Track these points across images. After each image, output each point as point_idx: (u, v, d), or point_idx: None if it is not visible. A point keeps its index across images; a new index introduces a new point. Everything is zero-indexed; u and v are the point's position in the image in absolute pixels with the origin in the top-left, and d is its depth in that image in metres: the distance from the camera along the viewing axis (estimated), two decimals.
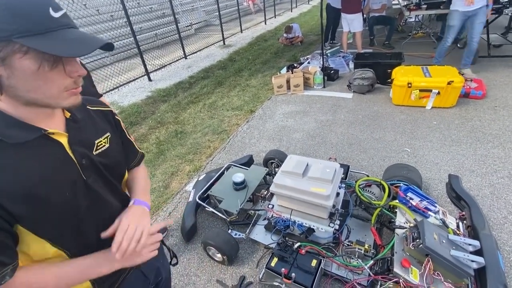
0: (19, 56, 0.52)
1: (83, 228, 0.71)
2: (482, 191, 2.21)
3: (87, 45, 0.57)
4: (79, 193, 0.68)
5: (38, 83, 0.56)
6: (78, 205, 0.68)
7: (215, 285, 1.81)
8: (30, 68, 0.54)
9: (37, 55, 0.53)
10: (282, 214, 1.86)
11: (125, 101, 4.89)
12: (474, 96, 3.51)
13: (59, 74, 0.58)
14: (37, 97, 0.58)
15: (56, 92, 0.59)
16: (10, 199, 0.57)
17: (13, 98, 0.58)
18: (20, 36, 0.51)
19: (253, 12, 13.30)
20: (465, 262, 1.33)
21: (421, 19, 6.50)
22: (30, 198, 0.59)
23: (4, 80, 0.54)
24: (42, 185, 0.61)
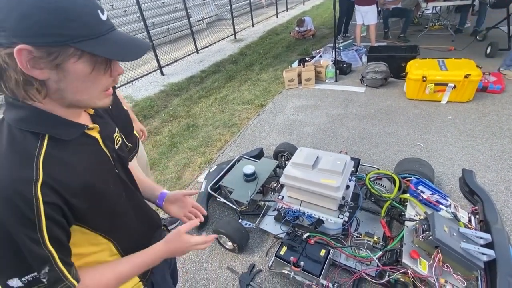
0: (73, 60, 0.53)
1: (125, 217, 0.76)
2: (496, 186, 2.17)
3: (137, 48, 0.59)
4: (117, 184, 0.73)
5: (87, 85, 0.57)
6: (119, 194, 0.73)
7: (226, 271, 1.87)
8: (83, 72, 0.55)
9: (91, 59, 0.54)
10: (291, 205, 1.89)
11: (139, 95, 5.01)
12: (492, 90, 3.39)
13: (106, 75, 0.59)
14: (82, 98, 0.59)
15: (98, 93, 0.61)
16: (72, 193, 0.58)
17: (56, 100, 0.58)
18: (76, 41, 0.51)
19: (265, 5, 13.18)
20: (475, 254, 1.32)
21: (439, 11, 6.28)
22: (86, 191, 0.61)
23: (52, 84, 0.54)
24: (92, 178, 0.63)
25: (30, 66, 0.51)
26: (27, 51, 0.49)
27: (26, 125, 0.56)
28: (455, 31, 5.46)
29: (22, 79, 0.52)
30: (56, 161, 0.57)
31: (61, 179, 0.56)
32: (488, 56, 4.33)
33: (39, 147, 0.56)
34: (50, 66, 0.52)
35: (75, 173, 0.60)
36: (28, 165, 0.53)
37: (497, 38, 4.47)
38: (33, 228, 0.52)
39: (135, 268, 0.72)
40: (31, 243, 0.52)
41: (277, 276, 1.78)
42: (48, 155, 0.56)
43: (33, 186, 0.52)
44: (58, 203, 0.55)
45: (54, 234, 0.54)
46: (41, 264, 0.54)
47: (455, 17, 6.01)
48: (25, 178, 0.52)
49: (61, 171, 0.57)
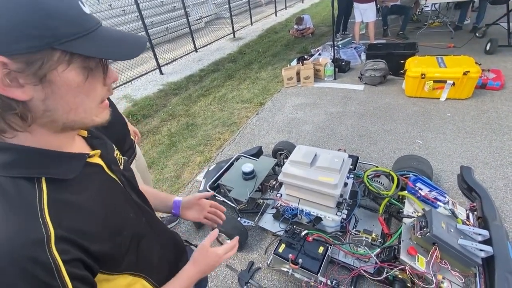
0: (62, 68, 0.41)
1: (150, 244, 0.67)
2: (495, 183, 2.17)
3: (136, 44, 0.49)
4: (135, 211, 0.64)
5: (81, 98, 0.46)
6: (140, 221, 0.64)
7: (225, 269, 1.88)
8: (75, 81, 0.43)
9: (82, 63, 0.43)
10: (290, 203, 1.90)
11: (138, 94, 5.01)
12: (492, 87, 3.38)
13: (99, 83, 0.48)
14: (78, 117, 0.47)
15: (95, 106, 0.49)
16: (91, 239, 0.47)
17: (44, 126, 0.46)
18: (63, 42, 0.40)
19: (264, 4, 13.14)
20: (473, 251, 1.33)
21: (438, 8, 6.25)
22: (106, 230, 0.51)
23: (37, 104, 0.42)
24: (110, 213, 0.54)
25: (7, 85, 0.39)
26: (0, 64, 0.38)
27: (15, 170, 0.44)
28: (454, 28, 5.45)
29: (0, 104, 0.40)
30: (63, 206, 0.46)
31: (74, 226, 0.46)
32: (487, 53, 4.31)
33: (39, 195, 0.44)
34: (33, 81, 0.40)
35: (89, 215, 0.49)
36: (33, 222, 0.42)
37: (497, 35, 4.45)
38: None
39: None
40: None
41: (276, 273, 1.78)
42: (52, 202, 0.45)
43: (47, 246, 0.41)
44: (78, 257, 0.45)
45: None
46: None
47: (455, 14, 5.98)
48: (35, 239, 0.41)
49: (72, 216, 0.46)
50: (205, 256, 0.72)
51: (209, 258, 0.73)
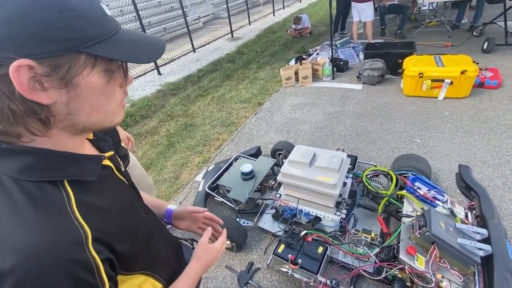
0: (87, 72, 0.41)
1: (156, 242, 0.67)
2: (493, 182, 2.17)
3: (156, 45, 0.49)
4: (144, 210, 0.65)
5: (103, 101, 0.45)
6: (149, 220, 0.65)
7: (224, 270, 1.87)
8: (99, 85, 0.43)
9: (105, 67, 0.43)
10: (289, 203, 1.89)
11: (136, 95, 4.99)
12: (489, 86, 3.40)
13: (118, 85, 0.48)
14: (97, 119, 0.47)
15: (116, 108, 0.49)
16: (116, 240, 0.48)
17: (64, 130, 0.45)
18: (89, 45, 0.39)
19: (261, 4, 13.13)
20: (472, 250, 1.33)
21: (436, 7, 6.27)
22: (127, 231, 0.52)
23: (60, 108, 0.41)
24: (127, 214, 0.55)
25: (32, 88, 0.37)
26: (27, 67, 0.36)
27: (37, 174, 0.43)
28: (452, 27, 5.46)
29: (21, 109, 0.38)
30: (90, 207, 0.46)
31: (102, 227, 0.46)
32: (485, 52, 4.33)
33: (67, 197, 0.44)
34: (57, 85, 0.39)
35: (111, 216, 0.49)
36: (68, 224, 0.42)
37: (494, 34, 4.47)
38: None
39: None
40: None
41: (276, 273, 1.78)
42: (79, 204, 0.45)
43: (86, 246, 0.42)
44: (109, 257, 0.46)
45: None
46: None
47: (452, 13, 6.00)
48: (73, 240, 0.41)
49: (99, 218, 0.46)
50: (206, 252, 0.76)
51: (210, 253, 0.76)
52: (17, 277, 0.36)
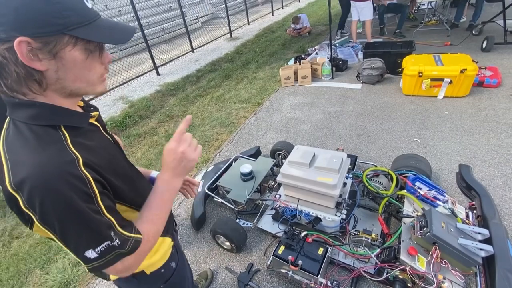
0: (69, 48, 0.56)
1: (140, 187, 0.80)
2: (494, 181, 2.17)
3: (126, 32, 0.63)
4: (127, 163, 0.80)
5: (84, 72, 0.60)
6: (132, 170, 0.80)
7: (224, 272, 1.86)
8: (79, 58, 0.58)
9: (85, 45, 0.57)
10: (289, 203, 1.88)
11: (135, 95, 4.97)
12: (489, 85, 3.39)
13: (98, 62, 0.63)
14: (81, 85, 0.62)
15: (96, 79, 0.64)
16: (104, 171, 0.63)
17: (56, 91, 0.61)
18: (71, 29, 0.54)
19: (260, 3, 13.11)
20: (473, 250, 1.32)
21: (434, 6, 6.26)
22: (111, 168, 0.66)
23: (51, 74, 0.57)
24: (110, 157, 0.69)
25: (30, 58, 0.53)
26: (26, 42, 0.51)
27: (41, 120, 0.59)
28: (450, 26, 5.46)
29: (23, 72, 0.54)
30: (81, 145, 0.61)
31: (92, 159, 0.61)
32: (484, 51, 4.32)
33: (63, 136, 0.60)
34: (48, 56, 0.54)
35: (99, 154, 0.64)
36: (64, 151, 0.58)
37: (493, 32, 4.46)
38: (92, 201, 0.58)
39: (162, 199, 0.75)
40: (95, 214, 0.58)
41: (276, 275, 1.77)
42: (73, 141, 0.60)
43: (78, 165, 0.57)
44: (100, 179, 0.61)
45: (107, 204, 0.61)
46: (108, 230, 0.60)
47: (451, 12, 6.00)
48: (69, 160, 0.57)
49: (88, 153, 0.61)
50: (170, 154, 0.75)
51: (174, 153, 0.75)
52: (32, 181, 0.53)
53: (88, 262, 0.59)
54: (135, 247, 0.64)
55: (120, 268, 0.64)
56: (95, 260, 0.59)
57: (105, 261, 0.60)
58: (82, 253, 0.58)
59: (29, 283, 2.03)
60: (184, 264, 1.07)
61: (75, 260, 2.12)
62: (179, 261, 1.00)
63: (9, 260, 2.21)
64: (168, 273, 0.93)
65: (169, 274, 0.94)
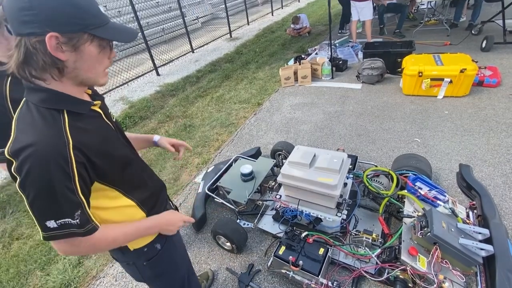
0: (87, 44, 0.70)
1: (135, 174, 0.93)
2: (494, 180, 2.17)
3: (131, 33, 0.77)
4: (124, 148, 0.90)
5: (95, 64, 0.74)
6: (131, 158, 0.92)
7: (225, 272, 1.86)
8: (94, 52, 0.72)
9: (99, 42, 0.72)
10: (289, 204, 1.88)
11: (135, 96, 4.97)
12: (488, 84, 3.39)
13: (106, 57, 0.77)
14: (91, 76, 0.75)
15: (101, 71, 0.77)
16: (93, 153, 0.74)
17: (71, 79, 0.73)
18: (91, 29, 0.68)
19: (260, 3, 13.11)
20: (474, 250, 1.32)
21: (434, 6, 6.27)
22: (103, 151, 0.77)
23: (70, 64, 0.70)
24: (105, 141, 0.80)
25: (56, 50, 0.66)
26: (55, 37, 0.64)
27: (49, 104, 0.71)
28: (450, 26, 5.46)
29: (49, 61, 0.67)
30: (78, 128, 0.73)
31: (84, 142, 0.72)
32: (483, 50, 4.33)
33: (63, 120, 0.72)
34: (70, 49, 0.68)
35: (93, 137, 0.76)
36: (60, 133, 0.69)
37: (492, 32, 4.47)
38: (70, 180, 0.68)
39: (137, 232, 0.89)
40: (69, 192, 0.69)
41: (277, 275, 1.77)
42: (71, 125, 0.72)
43: (67, 148, 0.68)
44: (84, 162, 0.71)
45: (82, 187, 0.72)
46: (76, 208, 0.70)
47: (450, 12, 6.00)
48: (62, 142, 0.68)
49: (83, 136, 0.73)
50: (171, 212, 1.02)
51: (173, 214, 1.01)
52: (26, 152, 0.65)
53: (46, 230, 0.69)
54: (90, 231, 0.74)
55: (68, 245, 0.74)
56: (53, 230, 0.69)
57: (60, 233, 0.70)
58: (44, 221, 0.68)
59: (30, 284, 2.03)
60: (173, 248, 1.10)
61: (76, 261, 2.12)
62: (166, 244, 1.05)
63: (9, 261, 2.21)
64: (151, 253, 1.01)
65: (152, 254, 1.01)
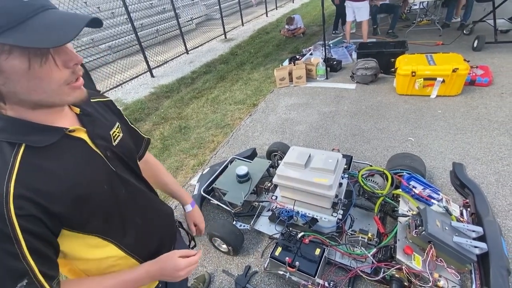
0: (4, 57, 0.46)
1: (128, 217, 0.73)
2: (487, 178, 2.20)
3: (71, 28, 0.49)
4: (114, 184, 0.69)
5: (35, 82, 0.51)
6: (117, 195, 0.69)
7: (221, 275, 1.85)
8: (21, 68, 0.48)
9: (23, 51, 0.47)
10: (285, 205, 1.88)
11: (129, 98, 4.94)
12: (480, 84, 3.44)
13: (52, 67, 0.52)
14: (40, 97, 0.53)
15: (57, 88, 0.54)
16: (53, 200, 0.55)
17: (18, 104, 0.54)
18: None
19: (254, 4, 13.13)
20: (468, 248, 1.33)
21: (426, 6, 6.34)
22: (70, 195, 0.58)
23: (1, 88, 0.50)
24: (78, 180, 0.60)
25: None
26: None
27: (1, 135, 0.54)
28: (442, 26, 5.53)
29: None
30: (33, 169, 0.54)
31: (38, 187, 0.54)
32: (475, 50, 4.39)
33: (14, 157, 0.53)
34: None
35: (56, 179, 0.57)
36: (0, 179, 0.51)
37: (483, 32, 4.54)
38: (10, 242, 0.50)
39: (121, 284, 0.69)
40: (8, 256, 0.50)
41: (273, 277, 1.77)
42: (24, 164, 0.53)
43: (4, 200, 0.50)
44: (34, 214, 0.52)
45: (34, 247, 0.53)
46: (19, 278, 0.51)
47: (442, 12, 6.08)
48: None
49: (38, 178, 0.54)
50: (169, 259, 0.75)
51: (172, 261, 0.74)
52: None
53: None
54: None
55: None
56: None
57: None
58: None
59: None
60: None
61: None
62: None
63: None
64: None
65: None
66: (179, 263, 0.74)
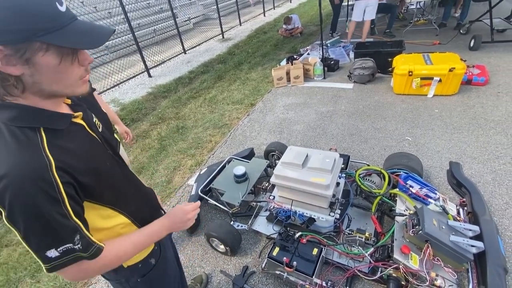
0: (41, 54, 0.56)
1: (127, 191, 0.86)
2: (483, 177, 2.21)
3: (101, 35, 0.62)
4: (112, 163, 0.81)
5: (60, 76, 0.61)
6: (117, 172, 0.82)
7: (219, 275, 1.85)
8: (52, 63, 0.59)
9: (57, 50, 0.58)
10: (283, 204, 1.88)
11: (126, 98, 4.91)
12: (477, 83, 3.46)
13: (75, 65, 0.63)
14: (58, 88, 0.63)
15: (74, 82, 0.65)
16: (79, 173, 0.66)
17: (35, 93, 0.63)
18: (40, 35, 0.54)
19: (252, 4, 13.12)
20: (465, 247, 1.34)
21: (423, 6, 6.37)
22: (90, 170, 0.69)
23: (27, 78, 0.59)
24: (91, 158, 0.71)
25: (4, 64, 0.55)
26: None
27: (22, 122, 0.62)
28: (439, 25, 5.55)
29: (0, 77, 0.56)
30: (58, 148, 0.64)
31: (68, 162, 0.64)
32: (471, 49, 4.41)
33: (40, 139, 0.62)
34: (21, 62, 0.56)
35: (77, 156, 0.67)
36: (39, 154, 0.60)
37: (480, 31, 4.56)
38: (59, 205, 0.61)
39: (146, 237, 0.83)
40: (61, 217, 0.61)
41: (271, 277, 1.76)
42: (50, 144, 0.63)
43: (50, 170, 0.60)
44: (71, 182, 0.63)
45: (75, 209, 0.64)
46: (73, 233, 0.64)
47: (439, 11, 6.11)
48: (42, 164, 0.59)
49: (65, 155, 0.64)
50: (176, 211, 0.92)
51: (178, 212, 0.92)
52: (5, 181, 0.56)
53: (49, 261, 0.62)
54: (96, 253, 0.68)
55: (75, 270, 0.67)
56: (56, 260, 0.62)
57: (64, 261, 0.63)
58: (43, 252, 0.61)
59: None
60: (167, 262, 1.07)
61: None
62: (161, 258, 1.01)
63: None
64: (145, 268, 0.96)
65: (146, 269, 0.96)
66: (185, 208, 0.93)
